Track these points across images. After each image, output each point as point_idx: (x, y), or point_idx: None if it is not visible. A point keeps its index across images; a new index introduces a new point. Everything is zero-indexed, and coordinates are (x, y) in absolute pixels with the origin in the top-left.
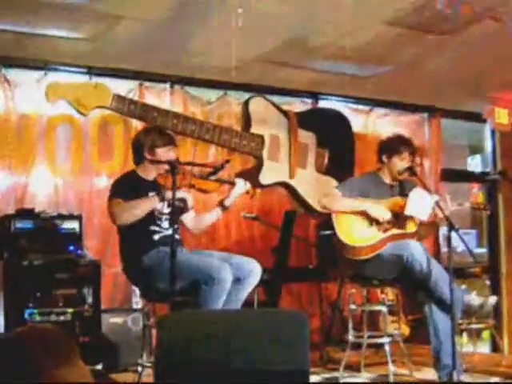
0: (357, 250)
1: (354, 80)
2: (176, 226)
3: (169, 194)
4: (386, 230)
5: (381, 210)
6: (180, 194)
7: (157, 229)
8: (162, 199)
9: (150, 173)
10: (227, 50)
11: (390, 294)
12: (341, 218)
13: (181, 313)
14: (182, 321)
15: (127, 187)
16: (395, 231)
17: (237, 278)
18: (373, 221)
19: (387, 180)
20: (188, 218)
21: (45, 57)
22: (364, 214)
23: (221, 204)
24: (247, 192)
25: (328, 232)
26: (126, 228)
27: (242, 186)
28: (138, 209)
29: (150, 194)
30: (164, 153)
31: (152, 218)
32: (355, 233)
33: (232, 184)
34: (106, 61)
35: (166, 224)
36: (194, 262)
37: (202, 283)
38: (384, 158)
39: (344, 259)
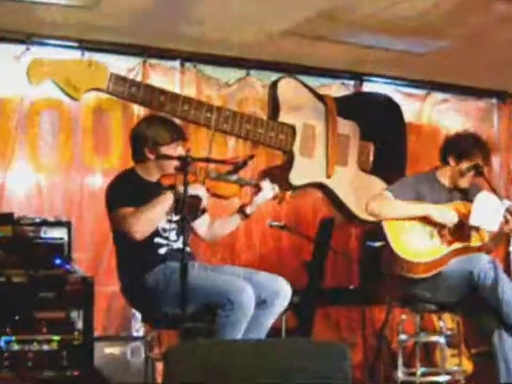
0: (413, 265)
1: (405, 57)
2: (187, 237)
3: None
4: (450, 243)
5: (448, 214)
6: (192, 189)
7: (163, 241)
8: (176, 194)
9: (152, 173)
10: (251, 21)
11: (448, 321)
12: (394, 225)
13: (193, 343)
14: (194, 353)
15: (130, 190)
16: (458, 245)
17: (261, 300)
18: (434, 230)
19: (446, 183)
20: (201, 224)
21: (27, 28)
22: (424, 222)
23: (241, 211)
24: (275, 197)
25: (376, 243)
26: (125, 240)
27: (268, 190)
28: (154, 213)
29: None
30: (170, 150)
31: (156, 228)
32: (412, 244)
33: (256, 187)
34: (101, 33)
35: (173, 235)
36: (209, 281)
37: (217, 307)
38: (451, 161)
39: (394, 277)
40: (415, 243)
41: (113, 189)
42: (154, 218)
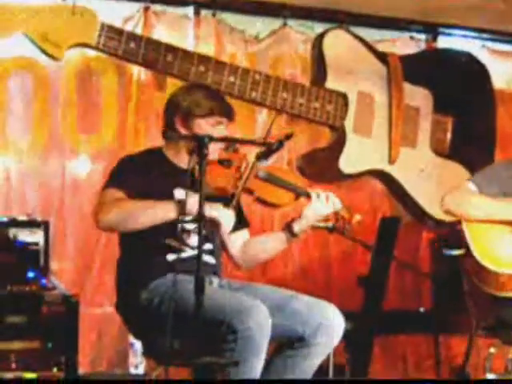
0: (504, 279)
1: (494, 2)
2: (209, 246)
3: (193, 206)
4: None
5: None
6: (212, 209)
7: (175, 243)
8: (183, 213)
9: (184, 157)
10: None
11: None
12: (478, 228)
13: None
14: None
15: (143, 175)
16: None
17: (298, 337)
18: None
19: None
20: (236, 240)
21: None
22: None
23: (287, 227)
24: (336, 220)
25: (453, 251)
26: (130, 240)
27: (322, 202)
28: (144, 215)
29: (177, 192)
30: (207, 127)
31: (170, 224)
32: (503, 254)
33: (307, 196)
34: None
35: (194, 239)
36: (221, 303)
37: (219, 337)
38: None
39: (479, 296)
40: (505, 250)
41: (120, 164)
42: (140, 220)
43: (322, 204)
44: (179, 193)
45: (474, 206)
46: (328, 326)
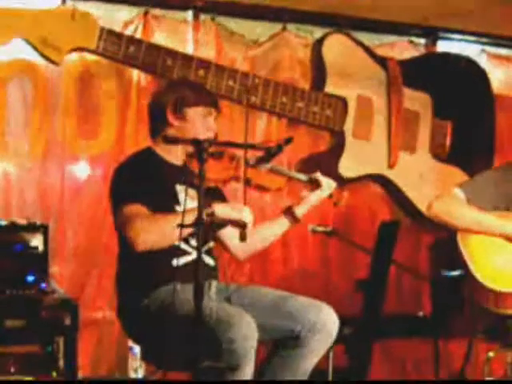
0: (504, 298)
1: (494, 7)
2: (208, 246)
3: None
4: None
5: None
6: (236, 211)
7: (182, 245)
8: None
9: (176, 153)
10: None
11: None
12: (473, 240)
13: None
14: None
15: (145, 177)
16: None
17: (294, 335)
18: None
19: None
20: (232, 236)
21: None
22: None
23: (289, 212)
24: (330, 196)
25: (453, 272)
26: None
27: (326, 187)
28: (165, 229)
29: (179, 189)
30: (199, 116)
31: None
32: (501, 268)
33: (314, 183)
34: None
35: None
36: (209, 314)
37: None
38: None
39: (478, 309)
40: (503, 266)
41: (121, 175)
42: (166, 235)
43: (326, 187)
44: (181, 190)
45: (459, 216)
46: (323, 325)
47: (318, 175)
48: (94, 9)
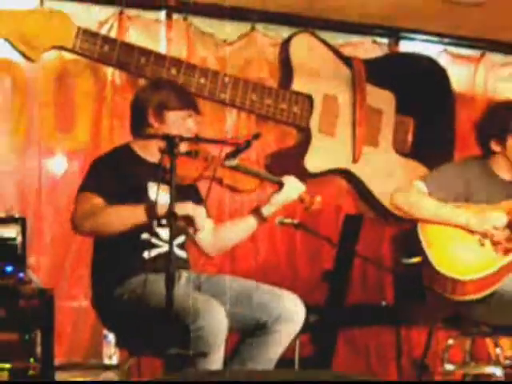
0: (460, 285)
1: (455, 8)
2: (180, 240)
3: (163, 207)
4: (507, 252)
5: (495, 220)
6: (186, 207)
7: (152, 239)
8: (153, 216)
9: (152, 151)
10: None
11: (507, 347)
12: (432, 230)
13: (180, 374)
14: None
15: (116, 174)
16: None
17: (260, 324)
18: (485, 237)
19: (503, 174)
20: (203, 234)
21: None
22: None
23: (256, 212)
24: (301, 200)
25: (411, 259)
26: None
27: (293, 188)
28: (117, 222)
29: (150, 187)
30: (179, 119)
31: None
32: (456, 256)
33: (278, 183)
34: None
35: (166, 233)
36: (179, 302)
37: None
38: (493, 146)
39: (438, 297)
40: (460, 254)
41: (92, 168)
42: (116, 225)
43: (292, 188)
44: (152, 187)
45: (419, 208)
46: (289, 314)
47: (286, 177)
48: (71, 8)
